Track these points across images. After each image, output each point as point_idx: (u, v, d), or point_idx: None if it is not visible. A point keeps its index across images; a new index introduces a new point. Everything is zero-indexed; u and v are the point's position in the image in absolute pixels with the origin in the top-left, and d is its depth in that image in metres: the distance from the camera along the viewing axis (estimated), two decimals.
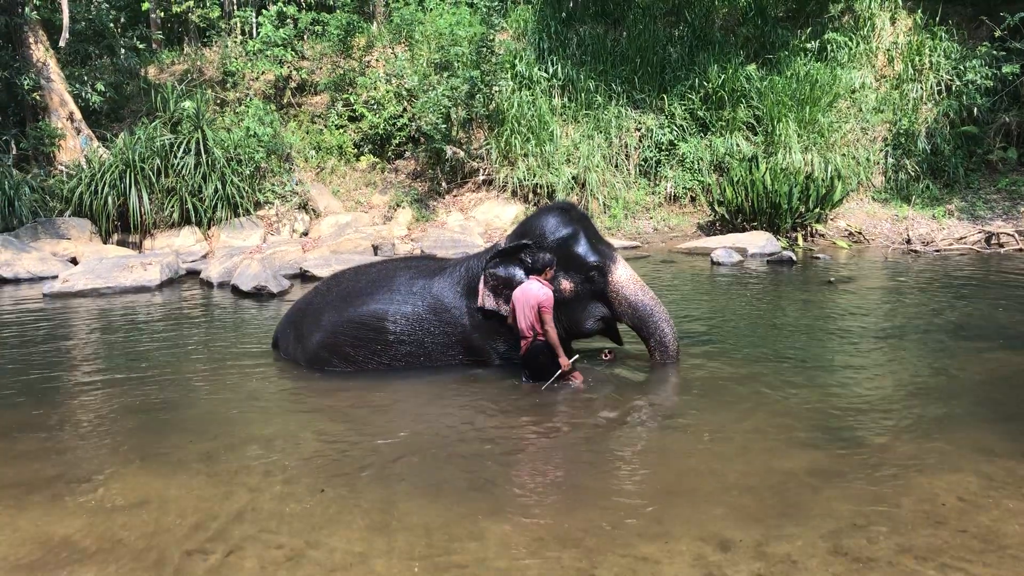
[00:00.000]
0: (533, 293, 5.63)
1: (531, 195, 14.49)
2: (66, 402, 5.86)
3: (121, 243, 13.22)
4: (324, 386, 5.99)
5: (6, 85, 15.23)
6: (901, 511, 3.70)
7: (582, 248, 6.07)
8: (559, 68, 15.95)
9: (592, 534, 3.59)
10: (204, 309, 9.44)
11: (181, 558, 3.45)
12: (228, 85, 16.84)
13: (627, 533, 3.59)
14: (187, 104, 14.31)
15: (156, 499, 4.03)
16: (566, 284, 6.05)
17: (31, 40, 14.60)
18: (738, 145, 14.74)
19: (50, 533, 3.70)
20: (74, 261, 11.97)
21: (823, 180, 13.59)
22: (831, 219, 13.87)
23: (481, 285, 6.02)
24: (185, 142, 13.71)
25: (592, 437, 4.97)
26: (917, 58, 15.36)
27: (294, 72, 16.87)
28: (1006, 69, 13.96)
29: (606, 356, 6.29)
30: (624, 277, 6.11)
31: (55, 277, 10.81)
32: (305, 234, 13.91)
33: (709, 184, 14.55)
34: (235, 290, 10.02)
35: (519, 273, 5.99)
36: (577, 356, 5.89)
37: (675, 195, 14.89)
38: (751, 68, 15.37)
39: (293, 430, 5.14)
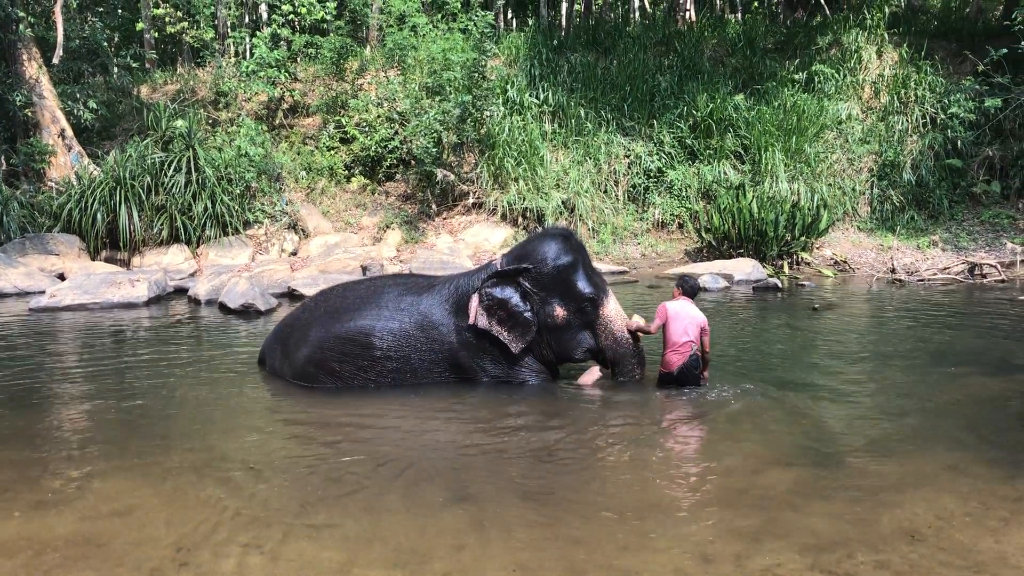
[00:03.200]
0: (701, 316, 6.01)
1: (520, 219, 14.57)
2: (52, 413, 5.85)
3: (109, 260, 13.18)
4: (309, 401, 6.00)
5: None
6: (880, 528, 3.75)
7: (580, 279, 6.17)
8: (550, 95, 16.13)
9: (573, 545, 3.61)
10: (191, 325, 9.43)
11: (165, 565, 3.45)
12: (220, 105, 16.91)
13: (608, 545, 3.61)
14: (179, 123, 14.37)
15: (141, 507, 4.03)
16: (560, 311, 6.13)
17: (24, 57, 14.65)
18: (725, 173, 14.90)
19: (35, 539, 3.68)
20: (62, 277, 11.94)
21: (809, 209, 13.73)
22: (817, 248, 14.00)
23: (475, 303, 6.05)
24: (176, 160, 13.74)
25: (576, 452, 4.99)
26: (903, 91, 15.63)
27: (287, 93, 16.97)
28: (989, 103, 14.21)
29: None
30: (613, 312, 6.21)
31: (42, 292, 10.77)
32: (294, 254, 13.93)
33: (696, 211, 14.69)
34: (223, 307, 10.02)
35: (515, 296, 6.06)
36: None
37: (663, 221, 15.01)
38: (739, 98, 15.61)
39: (277, 442, 5.15)
